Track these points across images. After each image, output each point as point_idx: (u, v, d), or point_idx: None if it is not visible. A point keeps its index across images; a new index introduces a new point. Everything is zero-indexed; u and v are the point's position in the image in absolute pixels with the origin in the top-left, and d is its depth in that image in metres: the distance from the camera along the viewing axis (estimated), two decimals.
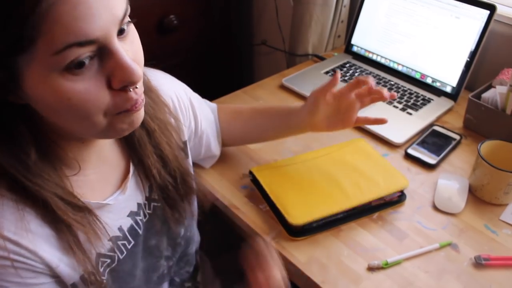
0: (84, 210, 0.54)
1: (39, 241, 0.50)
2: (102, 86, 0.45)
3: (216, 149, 0.88)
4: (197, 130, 0.81)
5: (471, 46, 1.08)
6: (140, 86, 0.49)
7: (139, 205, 0.64)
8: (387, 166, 0.87)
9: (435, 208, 0.84)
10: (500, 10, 1.06)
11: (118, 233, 0.60)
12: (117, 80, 0.46)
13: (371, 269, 0.73)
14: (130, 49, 0.48)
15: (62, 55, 0.41)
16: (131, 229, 0.62)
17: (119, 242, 0.60)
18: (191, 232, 0.75)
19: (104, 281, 0.58)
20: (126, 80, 0.46)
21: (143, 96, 0.51)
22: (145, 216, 0.65)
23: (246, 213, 0.83)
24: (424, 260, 0.74)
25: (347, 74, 1.23)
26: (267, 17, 1.67)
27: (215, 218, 0.93)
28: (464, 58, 1.09)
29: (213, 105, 0.89)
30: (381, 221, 0.81)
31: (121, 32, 0.47)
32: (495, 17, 1.04)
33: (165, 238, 0.69)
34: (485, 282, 0.71)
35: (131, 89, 0.47)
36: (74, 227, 0.52)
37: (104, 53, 0.45)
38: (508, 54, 1.10)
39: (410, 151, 0.96)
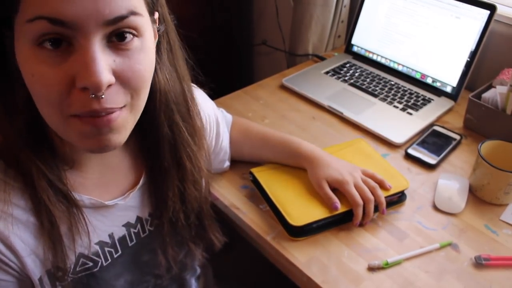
0: (71, 203, 0.53)
1: (17, 226, 0.50)
2: (64, 79, 0.43)
3: (226, 165, 0.90)
4: (216, 147, 0.82)
5: (471, 46, 1.08)
6: (110, 100, 0.45)
7: (139, 218, 0.63)
8: (388, 167, 0.87)
9: (435, 208, 0.84)
10: (500, 10, 1.06)
11: (107, 240, 0.59)
12: (78, 78, 0.43)
13: (371, 269, 0.73)
14: (122, 63, 0.45)
15: (32, 25, 0.41)
16: (122, 240, 0.61)
17: (106, 249, 0.59)
18: (191, 259, 0.73)
19: (69, 280, 0.56)
20: (84, 80, 0.42)
21: (120, 118, 0.47)
22: (144, 232, 0.64)
23: (246, 213, 0.83)
24: (424, 260, 0.74)
25: (347, 74, 1.23)
26: (267, 17, 1.67)
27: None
28: (464, 58, 1.09)
29: (229, 117, 0.90)
30: (381, 221, 0.81)
31: (118, 37, 0.45)
32: (495, 17, 1.04)
33: (160, 257, 0.67)
34: (485, 282, 0.71)
35: (92, 95, 0.43)
36: (56, 217, 0.51)
37: (77, 47, 0.43)
38: (508, 54, 1.10)
39: (410, 151, 0.96)
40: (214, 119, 0.80)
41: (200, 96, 0.74)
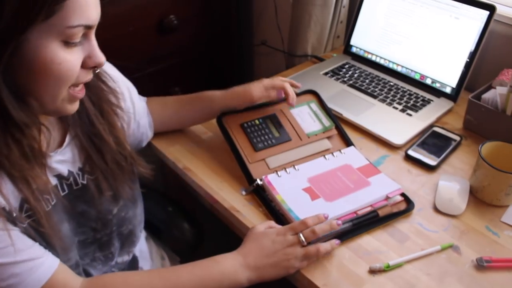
0: (29, 151, 0.59)
1: None
2: (80, 61, 0.59)
3: (150, 134, 0.95)
4: (135, 116, 0.87)
5: (471, 46, 1.07)
6: None
7: (70, 172, 0.70)
8: None
9: (436, 210, 0.84)
10: (500, 10, 1.06)
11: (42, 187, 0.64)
12: (91, 59, 0.60)
13: (372, 271, 0.72)
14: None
15: (72, 30, 0.55)
16: (54, 188, 0.67)
17: (43, 196, 0.64)
18: (127, 214, 0.79)
19: (25, 225, 0.61)
20: (97, 61, 0.60)
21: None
22: (76, 184, 0.71)
23: (246, 216, 0.82)
24: (425, 263, 0.74)
25: (346, 75, 1.22)
26: (266, 17, 1.66)
27: (215, 220, 0.93)
28: (464, 58, 1.09)
29: (143, 97, 0.95)
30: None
31: None
32: (495, 17, 1.04)
33: (94, 211, 0.74)
34: (487, 284, 0.71)
35: (96, 70, 0.64)
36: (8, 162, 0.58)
37: (87, 38, 0.59)
38: (508, 55, 1.10)
39: (410, 152, 0.96)
40: (125, 87, 0.85)
41: (110, 65, 0.81)
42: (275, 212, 0.82)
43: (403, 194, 0.84)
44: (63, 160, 0.69)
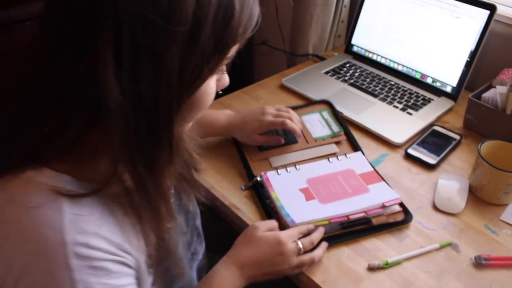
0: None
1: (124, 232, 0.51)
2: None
3: None
4: None
5: (471, 46, 1.08)
6: None
7: None
8: None
9: (435, 208, 0.84)
10: (500, 10, 1.06)
11: None
12: (222, 84, 0.58)
13: (371, 269, 0.73)
14: None
15: (226, 60, 0.53)
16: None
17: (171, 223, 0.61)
18: (194, 206, 0.77)
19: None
20: (227, 84, 0.59)
21: None
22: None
23: (246, 213, 0.83)
24: (424, 260, 0.74)
25: (347, 74, 1.23)
26: (267, 17, 1.66)
27: (215, 218, 0.93)
28: (464, 58, 1.09)
29: None
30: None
31: None
32: (495, 17, 1.04)
33: (182, 214, 0.71)
34: (485, 282, 0.71)
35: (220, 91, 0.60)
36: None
37: None
38: (508, 54, 1.10)
39: (410, 151, 0.96)
40: None
41: None
42: (269, 209, 0.82)
43: (402, 205, 0.83)
44: None
